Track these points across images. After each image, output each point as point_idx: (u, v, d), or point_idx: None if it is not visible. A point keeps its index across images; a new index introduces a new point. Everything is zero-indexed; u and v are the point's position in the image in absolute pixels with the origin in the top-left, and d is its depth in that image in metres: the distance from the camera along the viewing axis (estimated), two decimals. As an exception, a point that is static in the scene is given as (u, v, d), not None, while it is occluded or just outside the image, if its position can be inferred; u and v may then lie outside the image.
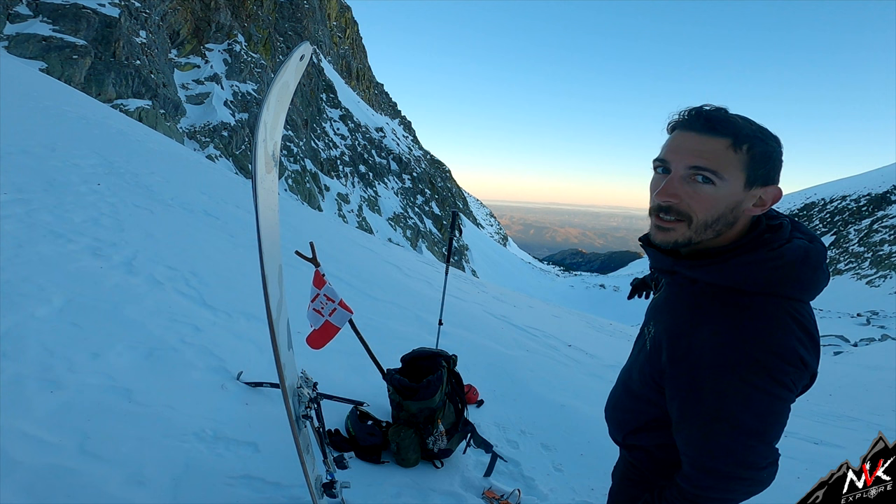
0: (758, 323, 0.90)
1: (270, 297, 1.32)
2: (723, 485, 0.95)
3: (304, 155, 37.58)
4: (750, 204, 0.95)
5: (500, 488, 2.37)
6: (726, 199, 0.93)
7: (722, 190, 0.92)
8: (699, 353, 0.93)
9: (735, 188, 0.92)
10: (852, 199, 67.43)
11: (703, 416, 0.94)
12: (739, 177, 0.92)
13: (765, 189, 0.94)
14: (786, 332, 0.89)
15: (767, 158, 0.93)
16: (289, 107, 1.68)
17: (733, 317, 0.92)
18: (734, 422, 0.91)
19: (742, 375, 0.88)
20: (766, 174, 0.93)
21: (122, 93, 21.41)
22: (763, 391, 0.88)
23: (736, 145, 0.91)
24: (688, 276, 1.00)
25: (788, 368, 0.89)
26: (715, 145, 0.91)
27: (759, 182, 0.93)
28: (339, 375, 3.10)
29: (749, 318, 0.90)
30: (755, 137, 0.92)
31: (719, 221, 0.94)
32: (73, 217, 4.32)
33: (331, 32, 64.03)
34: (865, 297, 39.50)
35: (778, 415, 0.92)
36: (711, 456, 0.94)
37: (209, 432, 2.27)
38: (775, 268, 0.91)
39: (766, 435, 0.93)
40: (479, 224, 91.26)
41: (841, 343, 13.43)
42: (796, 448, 3.86)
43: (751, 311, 0.91)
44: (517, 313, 7.59)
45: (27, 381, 2.26)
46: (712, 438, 0.94)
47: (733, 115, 0.94)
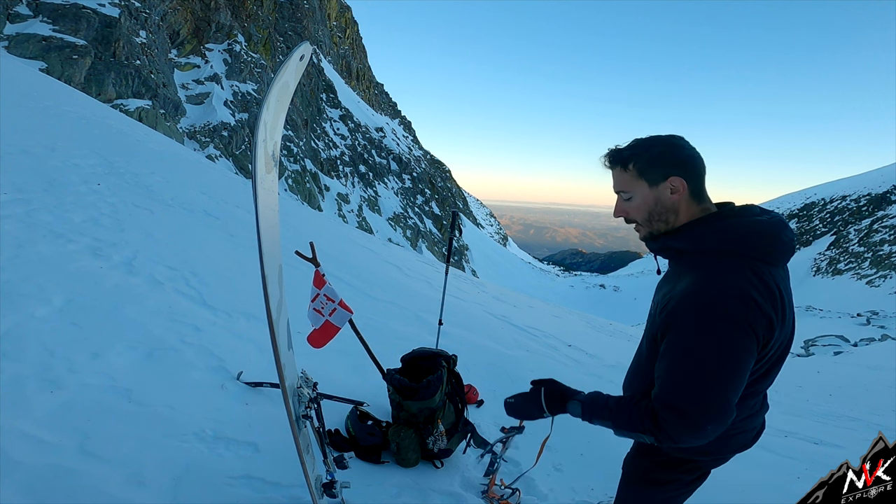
0: (718, 273, 1.14)
1: (270, 297, 1.32)
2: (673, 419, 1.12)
3: (304, 155, 37.58)
4: (667, 194, 1.24)
5: (500, 488, 2.37)
6: (645, 202, 1.26)
7: (637, 198, 1.27)
8: (678, 300, 1.16)
9: (644, 192, 1.26)
10: (852, 199, 67.40)
11: (673, 352, 1.15)
12: (642, 184, 1.26)
13: (667, 181, 1.23)
14: (740, 279, 1.11)
15: (651, 164, 1.24)
16: (289, 107, 1.68)
17: (701, 270, 1.17)
18: (696, 357, 1.11)
19: (702, 312, 1.11)
20: (657, 173, 1.24)
21: (122, 93, 21.40)
22: (721, 327, 1.09)
23: (624, 168, 1.27)
24: (672, 248, 1.27)
25: (740, 307, 1.08)
26: (617, 174, 1.29)
27: (656, 180, 1.24)
28: (339, 375, 3.09)
29: (712, 270, 1.15)
30: (634, 156, 1.25)
31: (653, 215, 1.27)
32: (73, 217, 4.32)
33: (331, 32, 64.02)
34: (865, 297, 39.48)
35: (735, 357, 1.10)
36: (673, 392, 1.13)
37: (209, 432, 2.27)
38: (720, 230, 1.18)
39: (722, 377, 1.10)
40: (479, 224, 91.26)
41: (841, 343, 13.43)
42: (796, 448, 3.86)
43: (715, 266, 1.16)
44: (517, 313, 7.59)
45: (27, 381, 2.26)
46: (678, 374, 1.13)
47: (622, 148, 1.28)
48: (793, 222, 75.13)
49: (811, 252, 62.35)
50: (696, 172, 1.24)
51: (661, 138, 1.27)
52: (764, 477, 3.13)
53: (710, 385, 1.09)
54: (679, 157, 1.24)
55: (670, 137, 1.27)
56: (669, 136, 1.27)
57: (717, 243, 1.17)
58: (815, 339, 14.27)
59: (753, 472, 3.18)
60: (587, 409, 1.30)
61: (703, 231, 1.20)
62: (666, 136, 1.27)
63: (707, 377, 1.09)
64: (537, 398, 1.40)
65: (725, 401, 1.10)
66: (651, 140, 1.26)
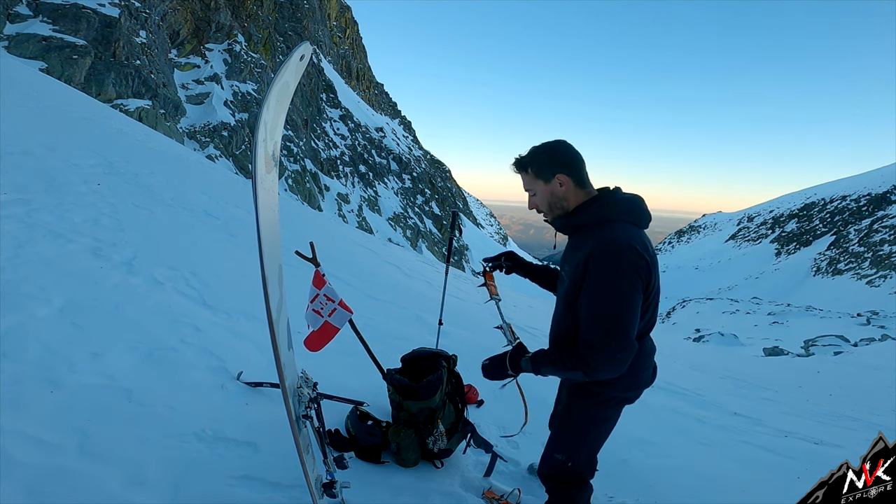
0: (609, 232, 1.54)
1: (270, 297, 1.32)
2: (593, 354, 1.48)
3: (304, 155, 37.57)
4: (558, 187, 1.65)
5: (500, 488, 2.37)
6: (544, 195, 1.68)
7: (539, 194, 1.69)
8: (586, 258, 1.52)
9: (542, 188, 1.67)
10: (852, 199, 67.38)
11: (585, 300, 1.52)
12: (539, 182, 1.67)
13: (555, 178, 1.64)
14: (624, 233, 1.53)
15: (542, 167, 1.65)
16: (289, 107, 1.68)
17: (601, 232, 1.56)
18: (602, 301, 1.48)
19: (604, 259, 1.48)
20: (548, 173, 1.64)
21: (122, 93, 21.38)
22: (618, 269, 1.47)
23: (525, 171, 1.69)
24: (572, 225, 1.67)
25: (630, 254, 1.48)
26: (523, 176, 1.71)
27: (548, 178, 1.65)
28: (339, 375, 3.09)
29: (605, 232, 1.55)
30: (529, 162, 1.67)
31: (552, 204, 1.68)
32: (73, 217, 4.32)
33: (331, 32, 64.00)
34: (865, 297, 39.50)
35: (629, 297, 1.48)
36: (588, 332, 1.50)
37: (209, 432, 2.27)
38: (604, 205, 1.61)
39: (621, 314, 1.47)
40: (479, 224, 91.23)
41: (841, 343, 13.43)
42: (796, 448, 3.86)
43: (606, 229, 1.56)
44: (517, 313, 7.59)
45: (27, 381, 2.26)
46: (590, 318, 1.50)
47: (523, 156, 1.69)
48: (793, 222, 75.22)
49: (811, 252, 62.37)
50: (575, 167, 1.64)
51: (547, 145, 1.68)
52: (764, 477, 3.13)
53: (612, 321, 1.46)
54: (561, 158, 1.65)
55: (554, 143, 1.68)
56: (554, 141, 1.68)
57: (604, 214, 1.59)
58: (815, 339, 14.27)
59: (753, 472, 3.18)
60: (535, 362, 1.66)
61: (592, 208, 1.62)
62: (551, 141, 1.68)
63: (610, 316, 1.46)
64: (503, 361, 1.76)
65: (627, 333, 1.47)
66: (541, 147, 1.67)
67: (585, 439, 1.81)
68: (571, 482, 1.86)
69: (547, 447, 1.90)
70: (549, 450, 1.87)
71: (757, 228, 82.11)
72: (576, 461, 1.82)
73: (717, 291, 57.44)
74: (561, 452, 1.82)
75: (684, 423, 4.04)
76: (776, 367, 9.60)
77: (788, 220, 77.09)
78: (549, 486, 1.91)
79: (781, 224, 77.47)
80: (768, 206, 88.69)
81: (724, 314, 25.98)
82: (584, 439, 1.80)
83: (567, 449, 1.81)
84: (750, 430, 4.23)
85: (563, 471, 1.83)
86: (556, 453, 1.83)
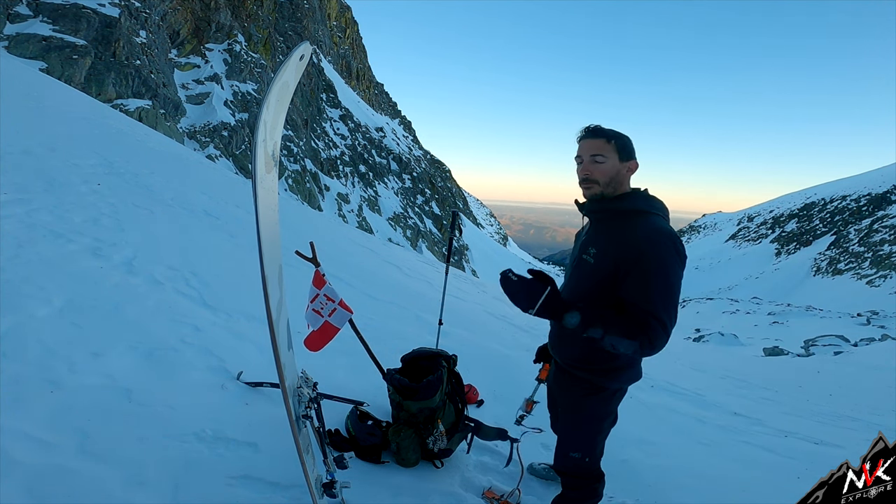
0: (658, 223, 1.66)
1: (270, 297, 1.32)
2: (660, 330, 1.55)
3: (304, 155, 37.56)
4: (625, 170, 1.73)
5: (500, 488, 2.37)
6: (613, 168, 1.71)
7: (608, 164, 1.71)
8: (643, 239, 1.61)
9: (615, 163, 1.71)
10: (852, 199, 67.38)
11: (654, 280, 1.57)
12: (615, 156, 1.71)
13: (629, 162, 1.73)
14: (669, 227, 1.67)
15: (626, 146, 1.73)
16: (289, 107, 1.68)
17: (648, 222, 1.65)
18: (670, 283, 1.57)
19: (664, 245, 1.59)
20: (627, 154, 1.72)
21: (122, 93, 21.38)
22: (675, 259, 1.59)
23: (608, 141, 1.71)
24: (613, 210, 1.71)
25: (679, 245, 1.61)
26: (598, 143, 1.71)
27: (625, 159, 1.72)
28: (339, 375, 3.09)
29: (654, 221, 1.66)
30: (617, 136, 1.72)
31: (613, 181, 1.71)
32: (73, 217, 4.32)
33: (331, 32, 63.99)
34: (865, 297, 39.47)
35: (680, 285, 1.61)
36: (663, 310, 1.55)
37: (209, 432, 2.27)
38: (648, 200, 1.72)
39: (676, 294, 1.59)
40: (479, 224, 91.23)
41: (841, 343, 13.41)
42: (796, 448, 3.86)
43: (652, 220, 1.67)
44: (517, 313, 7.58)
45: (27, 381, 2.26)
46: (664, 297, 1.56)
47: (605, 128, 1.74)
48: (793, 222, 75.20)
49: (811, 252, 62.35)
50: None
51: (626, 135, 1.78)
52: (764, 477, 3.13)
53: (676, 306, 1.58)
54: (634, 150, 1.77)
55: None
56: None
57: (648, 207, 1.71)
58: (815, 339, 14.24)
59: (753, 472, 3.18)
60: (586, 318, 1.53)
61: (639, 199, 1.72)
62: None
63: (676, 300, 1.58)
64: (537, 294, 1.50)
65: (677, 319, 1.59)
66: (623, 133, 1.77)
67: (598, 435, 1.92)
68: (592, 476, 1.98)
69: (560, 447, 1.99)
70: (564, 449, 1.96)
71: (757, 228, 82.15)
72: (592, 456, 1.93)
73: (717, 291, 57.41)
74: (577, 451, 1.92)
75: (684, 423, 4.04)
76: (776, 366, 9.59)
77: (788, 220, 77.12)
78: (570, 482, 2.01)
79: (781, 224, 77.51)
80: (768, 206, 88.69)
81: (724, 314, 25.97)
82: (597, 435, 1.92)
83: (582, 447, 1.92)
84: (750, 430, 4.23)
85: (581, 467, 1.94)
86: (571, 452, 1.93)
